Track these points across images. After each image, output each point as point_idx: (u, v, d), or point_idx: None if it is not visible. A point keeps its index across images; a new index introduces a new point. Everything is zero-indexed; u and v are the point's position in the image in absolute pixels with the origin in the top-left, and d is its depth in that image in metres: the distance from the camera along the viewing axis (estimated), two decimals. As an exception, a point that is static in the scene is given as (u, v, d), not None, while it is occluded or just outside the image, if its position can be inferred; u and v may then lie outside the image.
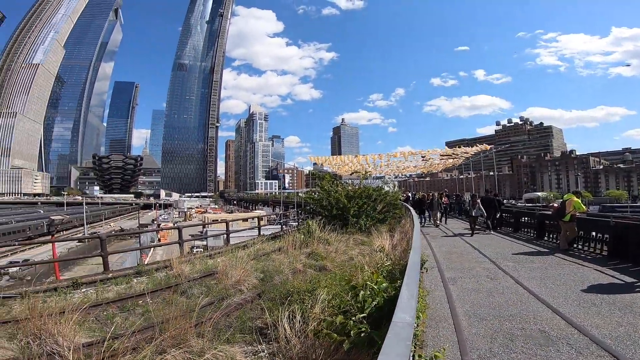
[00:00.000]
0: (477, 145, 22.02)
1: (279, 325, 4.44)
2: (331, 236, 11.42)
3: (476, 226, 14.33)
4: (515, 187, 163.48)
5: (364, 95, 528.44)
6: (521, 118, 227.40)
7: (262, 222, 20.32)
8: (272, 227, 25.92)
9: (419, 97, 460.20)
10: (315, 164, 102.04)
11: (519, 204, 55.45)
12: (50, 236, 49.59)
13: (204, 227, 31.14)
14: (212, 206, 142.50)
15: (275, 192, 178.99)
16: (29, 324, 4.54)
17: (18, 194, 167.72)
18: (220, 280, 7.36)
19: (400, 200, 20.54)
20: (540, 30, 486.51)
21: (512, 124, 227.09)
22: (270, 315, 4.89)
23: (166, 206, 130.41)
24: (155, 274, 8.55)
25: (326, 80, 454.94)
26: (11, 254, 35.67)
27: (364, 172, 20.00)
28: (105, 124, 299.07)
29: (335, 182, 17.29)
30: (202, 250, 18.62)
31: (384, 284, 3.76)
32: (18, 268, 24.82)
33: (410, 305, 2.21)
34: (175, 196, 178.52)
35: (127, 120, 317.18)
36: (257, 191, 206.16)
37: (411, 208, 16.55)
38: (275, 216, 39.65)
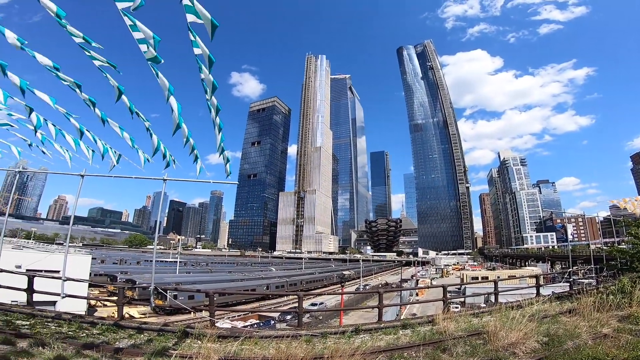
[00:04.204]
0: None
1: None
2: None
3: None
4: None
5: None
6: None
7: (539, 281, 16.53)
8: (552, 286, 20.69)
9: None
10: (614, 206, 74.82)
11: None
12: (340, 286, 62.57)
13: (461, 284, 29.53)
14: (470, 263, 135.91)
15: (553, 246, 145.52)
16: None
17: (319, 252, 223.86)
18: (489, 340, 6.47)
19: None
20: None
21: None
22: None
23: (423, 263, 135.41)
24: (418, 327, 8.54)
25: (593, 100, 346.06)
26: (313, 297, 47.25)
27: None
28: (370, 192, 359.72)
29: None
30: (458, 307, 17.03)
31: None
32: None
33: None
34: (432, 254, 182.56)
35: (385, 187, 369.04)
36: (525, 246, 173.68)
37: None
38: (555, 274, 31.41)
